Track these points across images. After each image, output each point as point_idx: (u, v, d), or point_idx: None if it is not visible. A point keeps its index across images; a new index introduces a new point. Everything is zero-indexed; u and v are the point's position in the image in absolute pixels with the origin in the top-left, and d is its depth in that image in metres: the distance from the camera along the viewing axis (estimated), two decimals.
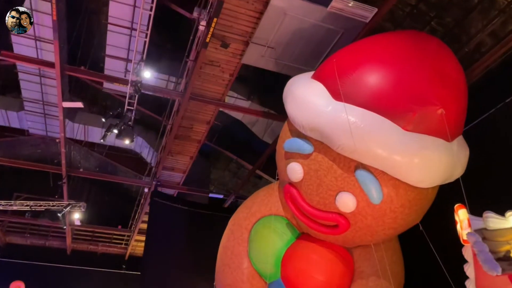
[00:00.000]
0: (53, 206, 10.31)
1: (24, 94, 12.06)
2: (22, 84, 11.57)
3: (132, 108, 7.26)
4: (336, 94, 4.76)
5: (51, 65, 7.17)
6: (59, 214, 10.22)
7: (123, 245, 17.72)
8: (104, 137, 7.74)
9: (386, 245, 5.69)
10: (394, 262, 5.71)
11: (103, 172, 17.38)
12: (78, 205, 10.53)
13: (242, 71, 9.33)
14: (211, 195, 11.90)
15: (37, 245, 16.94)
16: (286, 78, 5.91)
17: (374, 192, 4.71)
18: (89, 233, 17.49)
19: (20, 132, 14.14)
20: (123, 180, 12.73)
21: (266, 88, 10.75)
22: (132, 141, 7.41)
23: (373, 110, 4.54)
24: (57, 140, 13.00)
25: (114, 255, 17.79)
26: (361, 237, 5.27)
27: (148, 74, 6.97)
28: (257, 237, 6.11)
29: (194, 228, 10.77)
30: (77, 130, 13.24)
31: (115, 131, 7.32)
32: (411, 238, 5.66)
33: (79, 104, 8.00)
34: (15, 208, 10.61)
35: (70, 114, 13.09)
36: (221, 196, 11.95)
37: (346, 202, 4.90)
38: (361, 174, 4.73)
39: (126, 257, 17.78)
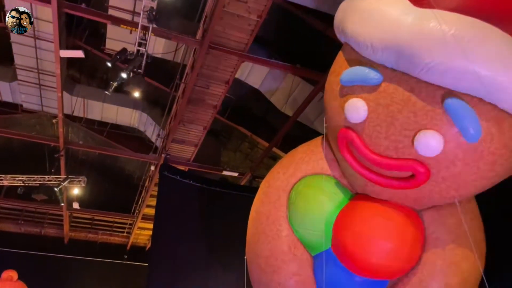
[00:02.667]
0: (49, 181, 9.12)
1: (17, 60, 10.90)
2: (15, 47, 10.40)
3: (143, 49, 6.11)
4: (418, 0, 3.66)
5: (46, 0, 6.01)
6: (56, 189, 9.02)
7: (124, 234, 16.55)
8: (110, 87, 6.60)
9: (465, 206, 4.58)
10: (474, 228, 4.58)
11: (104, 156, 16.29)
12: (78, 179, 9.35)
13: (261, 31, 8.25)
14: (225, 172, 10.76)
15: (32, 233, 15.75)
16: (313, 35, 4.79)
17: (471, 127, 3.56)
18: (88, 221, 16.31)
19: (13, 106, 12.97)
20: (127, 155, 11.56)
21: (289, 50, 9.64)
22: (142, 91, 6.27)
23: (472, 15, 3.44)
24: (54, 121, 11.87)
25: (115, 244, 16.64)
26: (442, 192, 4.12)
27: None
28: (300, 199, 4.96)
29: (208, 206, 9.65)
30: (75, 104, 12.06)
31: (124, 75, 6.16)
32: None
33: (80, 53, 6.85)
34: (6, 183, 9.42)
35: (67, 86, 11.94)
36: (236, 174, 10.81)
37: (429, 143, 3.73)
38: (452, 104, 3.59)
39: (128, 247, 16.62)
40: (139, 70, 6.37)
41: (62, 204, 10.85)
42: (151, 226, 15.02)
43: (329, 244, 4.73)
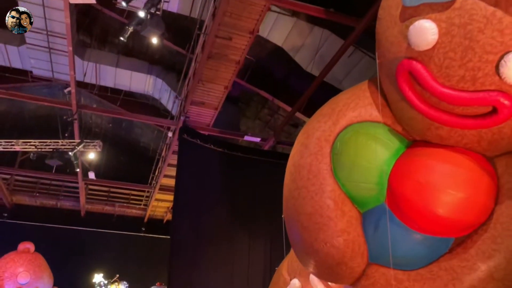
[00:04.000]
0: (63, 145, 8.63)
1: None
2: (21, 6, 9.76)
3: None
4: None
5: None
6: (70, 153, 8.53)
7: (142, 206, 16.24)
8: (125, 32, 5.98)
9: None
10: None
11: (118, 128, 15.85)
12: (93, 143, 8.84)
13: None
14: (246, 137, 10.16)
15: (48, 206, 15.50)
16: None
17: None
18: (104, 193, 16.00)
19: (23, 73, 12.45)
20: (143, 119, 11.01)
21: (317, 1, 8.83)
22: (161, 34, 5.64)
23: None
24: (66, 91, 11.32)
25: (132, 217, 16.35)
26: None
27: None
28: (348, 149, 4.33)
29: (230, 172, 9.10)
30: (86, 68, 11.46)
31: (141, 14, 5.51)
32: None
33: None
34: (18, 148, 8.97)
35: (78, 50, 11.35)
36: (258, 140, 10.20)
37: None
38: None
39: (146, 220, 16.33)
40: (157, 12, 5.69)
41: (78, 170, 10.41)
42: (168, 197, 14.65)
43: (383, 198, 4.12)
